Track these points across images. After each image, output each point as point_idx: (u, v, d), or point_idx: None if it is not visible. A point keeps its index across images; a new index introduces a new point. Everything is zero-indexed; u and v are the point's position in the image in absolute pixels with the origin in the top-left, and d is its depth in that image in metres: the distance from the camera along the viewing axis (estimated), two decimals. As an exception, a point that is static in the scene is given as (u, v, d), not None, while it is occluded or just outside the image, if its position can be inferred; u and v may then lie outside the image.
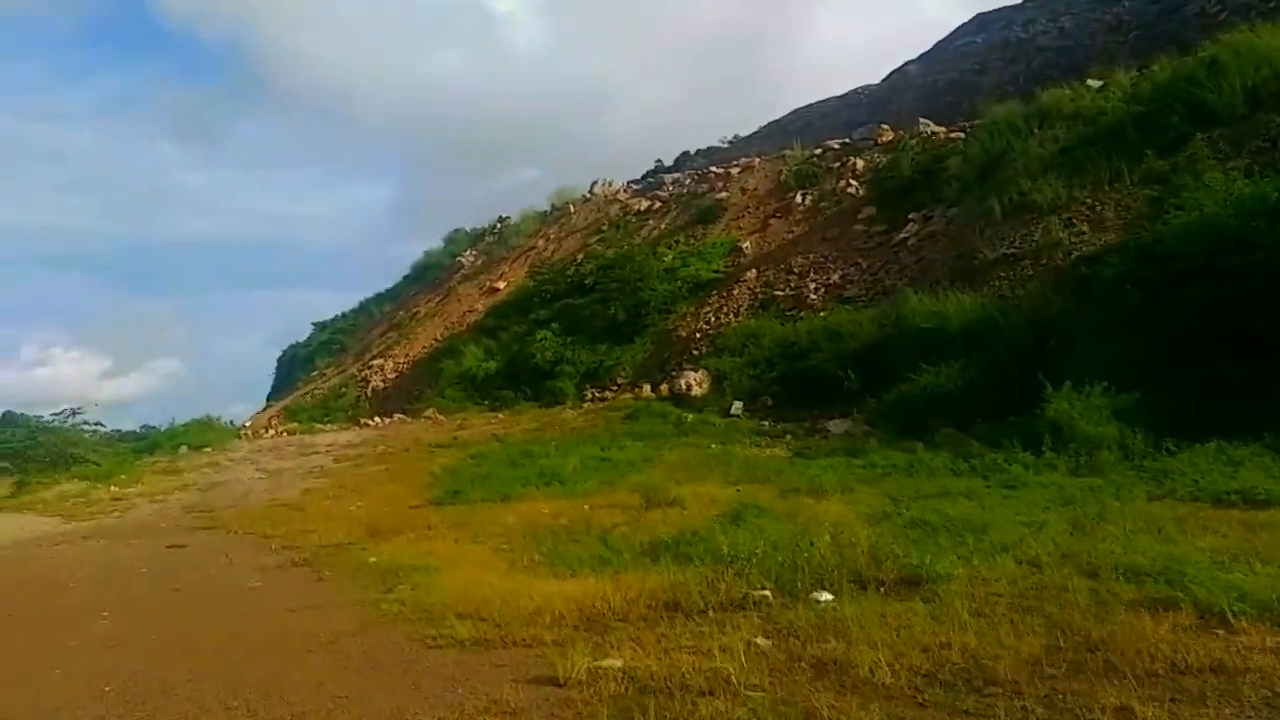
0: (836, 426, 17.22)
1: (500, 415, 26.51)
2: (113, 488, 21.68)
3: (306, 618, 7.81)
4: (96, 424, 30.51)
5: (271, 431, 30.56)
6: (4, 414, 38.11)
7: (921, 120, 30.15)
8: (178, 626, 8.02)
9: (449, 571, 8.79)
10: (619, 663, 5.58)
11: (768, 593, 6.77)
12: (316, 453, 23.62)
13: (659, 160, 60.91)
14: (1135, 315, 15.33)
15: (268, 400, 47.21)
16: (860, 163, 29.14)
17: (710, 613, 6.57)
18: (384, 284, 52.93)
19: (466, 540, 10.70)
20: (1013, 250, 19.97)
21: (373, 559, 10.19)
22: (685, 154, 61.79)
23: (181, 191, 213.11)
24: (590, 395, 26.59)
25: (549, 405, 26.49)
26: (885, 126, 31.10)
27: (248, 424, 35.65)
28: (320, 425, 30.59)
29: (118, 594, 9.73)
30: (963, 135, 27.10)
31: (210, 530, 14.50)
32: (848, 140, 32.06)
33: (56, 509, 19.52)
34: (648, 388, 24.45)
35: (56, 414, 29.64)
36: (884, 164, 28.17)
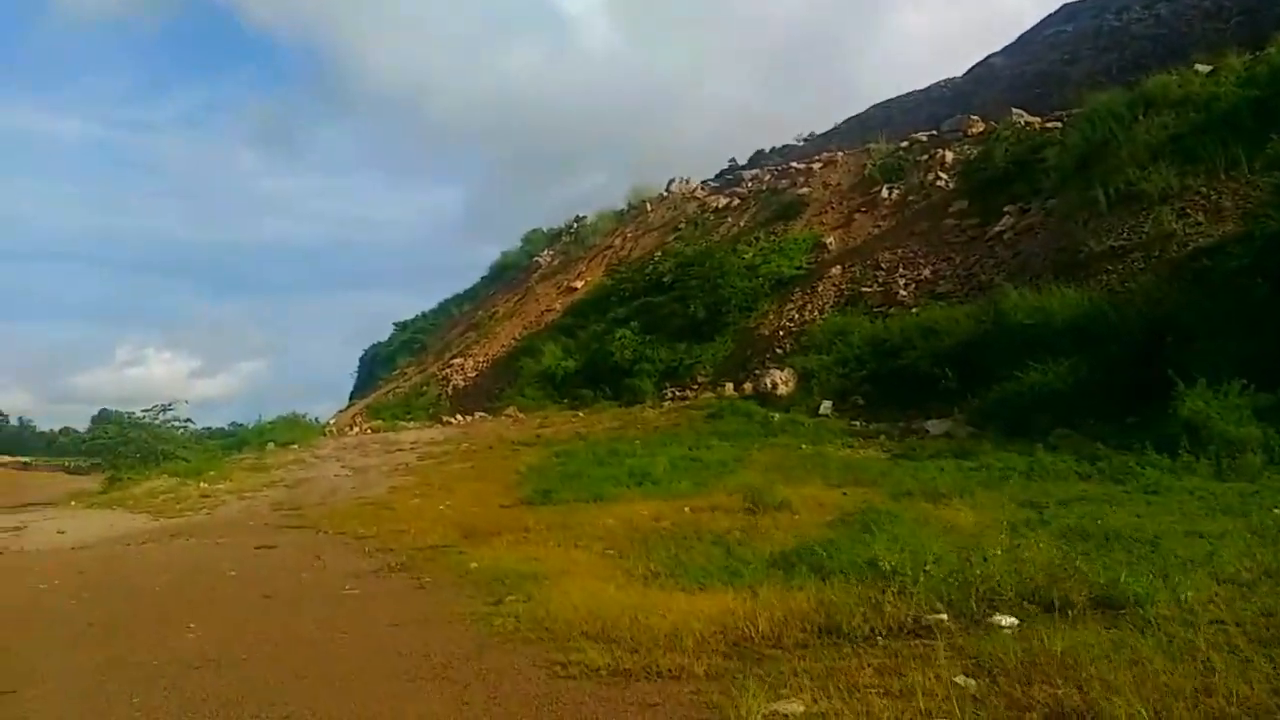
0: (935, 427, 16.49)
1: (580, 414, 26.30)
2: (202, 484, 21.80)
3: (412, 634, 7.08)
4: (186, 420, 30.67)
5: (356, 429, 30.92)
6: (100, 411, 39.13)
7: (1014, 110, 29.00)
8: (270, 642, 7.18)
9: (561, 581, 8.14)
10: (799, 707, 4.68)
11: (944, 616, 5.87)
12: (401, 450, 23.67)
13: (733, 159, 60.25)
14: (1263, 308, 14.40)
15: (350, 399, 48.04)
16: (949, 155, 28.18)
17: (879, 640, 5.73)
18: (461, 285, 53.54)
19: (568, 544, 10.15)
20: (1121, 242, 18.99)
21: (474, 564, 9.61)
22: (760, 152, 61.02)
23: (264, 196, 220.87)
24: (670, 394, 26.21)
25: (628, 404, 26.20)
26: (975, 117, 30.00)
27: (331, 422, 36.16)
28: (403, 423, 30.81)
29: (205, 600, 9.07)
30: (1059, 125, 25.98)
31: (299, 529, 14.26)
32: (935, 132, 31.04)
33: (146, 505, 19.55)
34: (730, 387, 23.94)
35: (147, 410, 29.75)
36: (975, 156, 27.17)
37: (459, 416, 29.79)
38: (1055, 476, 11.36)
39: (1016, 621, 5.72)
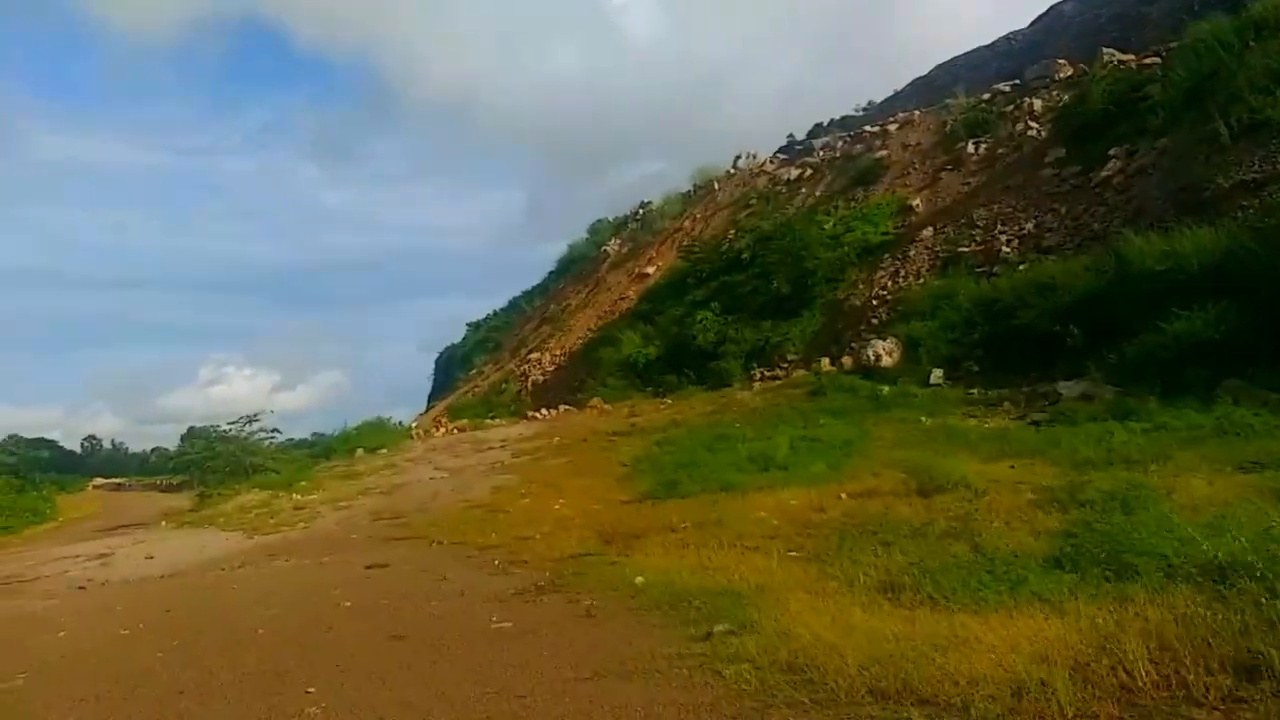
0: (1069, 389, 15.24)
1: (668, 400, 25.54)
2: (294, 496, 21.30)
3: (619, 695, 5.21)
4: (274, 430, 30.36)
5: (441, 430, 30.57)
6: (188, 430, 39.45)
7: (1104, 50, 27.28)
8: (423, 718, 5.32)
9: (771, 601, 6.49)
10: None
11: None
12: (492, 448, 23.12)
13: (790, 135, 58.86)
14: None
15: (429, 401, 48.10)
16: (1037, 103, 26.61)
17: None
18: (528, 282, 53.27)
19: (736, 547, 8.63)
20: (1253, 175, 17.44)
21: (639, 579, 8.00)
22: (819, 125, 59.45)
23: (328, 211, 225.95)
24: (759, 375, 25.28)
25: (715, 388, 25.38)
26: (1062, 61, 28.34)
27: (414, 424, 35.96)
28: (489, 421, 30.38)
29: (320, 646, 7.32)
30: (1158, 61, 24.29)
31: (408, 541, 13.06)
32: (1018, 81, 29.45)
33: (238, 522, 18.89)
34: (826, 362, 22.88)
35: (233, 423, 29.59)
36: (1068, 100, 25.58)
37: (544, 411, 29.27)
38: (1256, 433, 10.04)
39: None
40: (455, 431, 29.30)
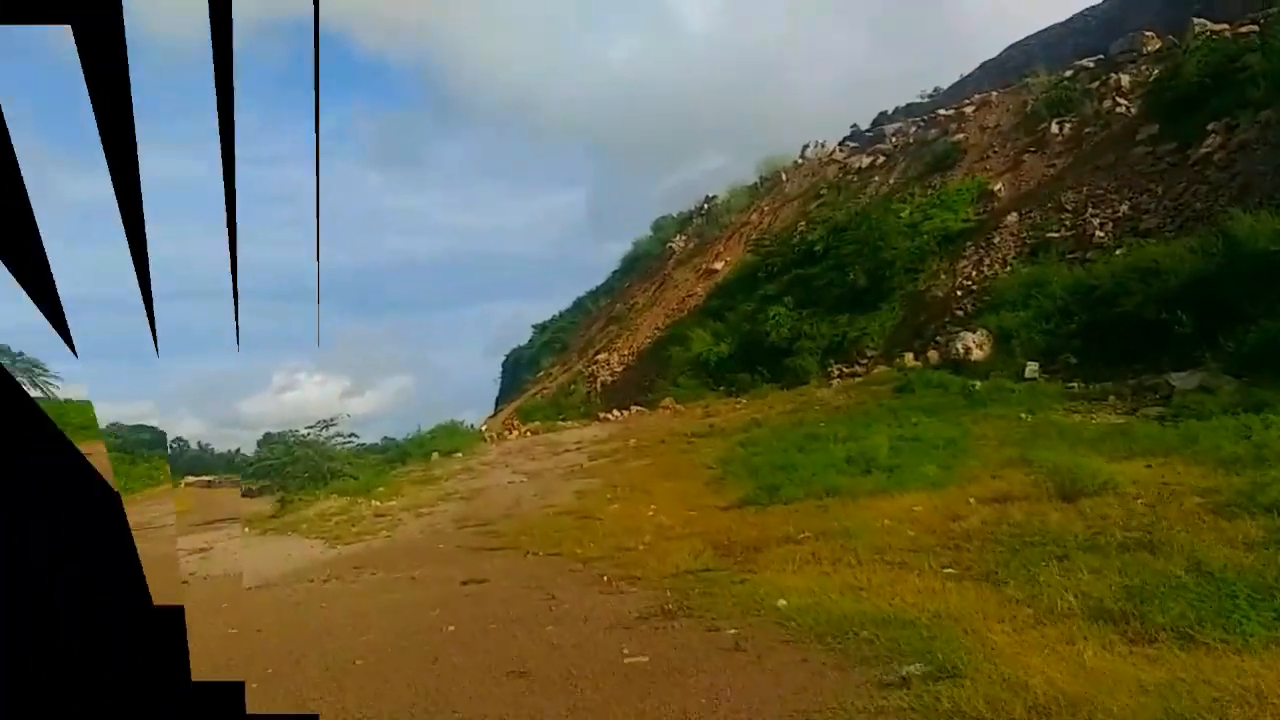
0: (1183, 380, 14.31)
1: (743, 400, 24.98)
2: (374, 502, 21.06)
3: None
4: (351, 435, 30.53)
5: (514, 433, 30.45)
6: (264, 435, 40.01)
7: (1195, 20, 25.98)
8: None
9: (956, 633, 5.61)
10: None
11: None
12: (568, 451, 22.80)
13: (855, 125, 57.69)
14: None
15: (497, 404, 48.14)
16: (1125, 79, 25.43)
17: None
18: (593, 281, 53.07)
19: (875, 561, 7.80)
20: (1374, 146, 16.32)
21: (780, 601, 7.05)
22: (883, 114, 58.18)
23: (391, 215, 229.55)
24: (837, 371, 24.60)
25: (791, 385, 24.72)
26: (1149, 34, 27.05)
27: (484, 427, 35.95)
28: (561, 423, 30.17)
29: (430, 687, 6.44)
30: (1255, 29, 22.98)
31: (501, 552, 12.23)
32: (1102, 57, 28.23)
33: (319, 529, 18.60)
34: (909, 357, 22.12)
35: (311, 427, 29.76)
36: (1159, 75, 24.36)
37: (616, 412, 28.90)
38: None
39: None
40: (528, 434, 29.10)
